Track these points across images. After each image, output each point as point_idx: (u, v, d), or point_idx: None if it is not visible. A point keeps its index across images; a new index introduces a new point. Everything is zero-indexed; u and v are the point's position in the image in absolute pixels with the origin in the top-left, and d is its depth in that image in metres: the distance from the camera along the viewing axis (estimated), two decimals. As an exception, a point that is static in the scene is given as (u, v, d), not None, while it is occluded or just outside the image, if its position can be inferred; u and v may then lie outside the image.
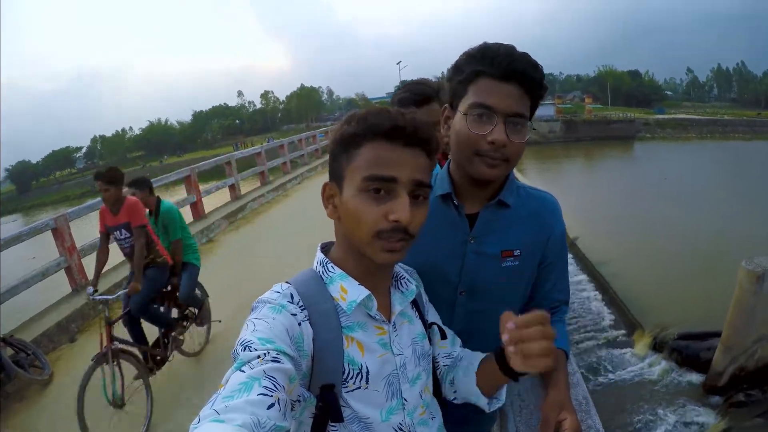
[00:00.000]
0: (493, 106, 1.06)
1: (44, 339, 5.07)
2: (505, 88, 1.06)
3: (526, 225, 1.24)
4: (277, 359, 0.72)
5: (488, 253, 1.22)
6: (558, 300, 1.34)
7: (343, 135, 0.88)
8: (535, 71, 1.08)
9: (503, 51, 1.07)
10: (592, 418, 1.08)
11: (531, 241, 1.24)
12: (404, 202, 0.84)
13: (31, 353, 4.66)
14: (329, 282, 0.93)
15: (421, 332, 1.05)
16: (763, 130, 55.34)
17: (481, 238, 1.23)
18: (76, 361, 4.83)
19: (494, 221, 1.23)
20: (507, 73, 1.05)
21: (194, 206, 9.68)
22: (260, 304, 0.87)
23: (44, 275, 5.85)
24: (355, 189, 0.86)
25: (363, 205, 0.85)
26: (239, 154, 12.81)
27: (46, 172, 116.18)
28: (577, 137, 50.69)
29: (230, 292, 5.87)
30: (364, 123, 0.86)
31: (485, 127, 1.07)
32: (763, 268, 6.10)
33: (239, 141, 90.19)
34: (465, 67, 1.11)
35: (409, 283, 1.02)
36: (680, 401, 7.21)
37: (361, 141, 0.86)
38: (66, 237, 6.19)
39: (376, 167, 0.84)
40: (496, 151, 1.08)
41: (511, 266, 1.23)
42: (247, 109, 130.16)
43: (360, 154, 0.86)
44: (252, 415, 0.60)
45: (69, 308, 5.62)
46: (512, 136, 1.07)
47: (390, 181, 0.84)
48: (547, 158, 36.66)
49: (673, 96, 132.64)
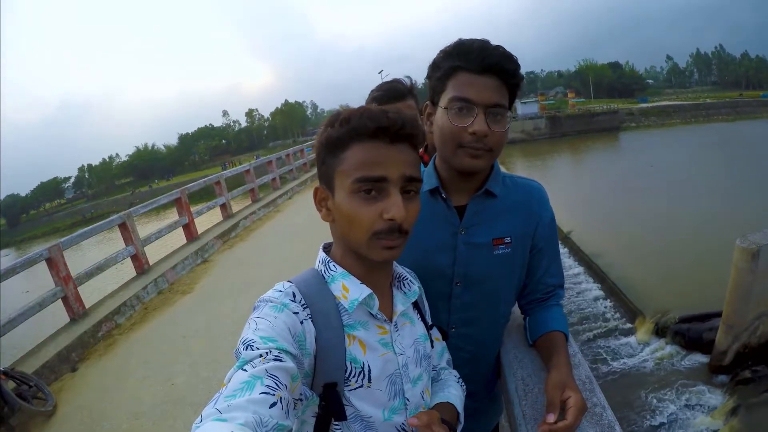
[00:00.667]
0: (472, 98, 1.09)
1: (45, 370, 4.99)
2: (482, 81, 1.09)
3: (514, 213, 1.27)
4: (279, 358, 0.72)
5: (479, 243, 1.25)
6: (552, 285, 1.35)
7: (329, 138, 0.88)
8: (509, 62, 1.11)
9: (477, 45, 1.10)
10: (597, 396, 1.08)
11: (520, 229, 1.27)
12: (397, 200, 0.85)
13: (33, 385, 4.59)
14: (331, 281, 0.93)
15: (423, 333, 1.05)
16: (745, 110, 56.27)
17: (471, 229, 1.25)
18: (79, 390, 4.77)
19: (483, 211, 1.26)
20: (483, 66, 1.09)
21: (187, 228, 9.61)
22: (262, 303, 0.86)
23: (41, 306, 5.77)
24: (347, 192, 0.86)
25: (356, 207, 0.85)
26: (228, 173, 12.73)
27: (36, 205, 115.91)
28: (563, 132, 51.00)
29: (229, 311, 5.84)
30: (348, 125, 0.86)
31: (466, 120, 1.10)
32: (757, 244, 6.14)
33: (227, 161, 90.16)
34: (442, 63, 1.15)
35: (412, 284, 1.02)
36: (687, 383, 7.23)
37: (346, 143, 0.86)
38: (61, 266, 6.12)
39: (364, 169, 0.84)
40: (478, 142, 1.11)
41: (503, 254, 1.25)
42: (233, 128, 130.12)
43: (347, 157, 0.86)
44: (254, 414, 0.60)
45: (68, 338, 5.54)
46: (493, 126, 1.11)
47: (380, 180, 0.84)
48: (534, 155, 36.92)
49: (654, 84, 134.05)
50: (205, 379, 4.40)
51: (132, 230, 7.70)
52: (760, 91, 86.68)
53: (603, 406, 1.05)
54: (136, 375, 4.80)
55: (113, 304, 6.38)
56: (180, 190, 9.80)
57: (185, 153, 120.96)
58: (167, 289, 7.27)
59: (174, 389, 4.34)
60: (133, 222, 7.86)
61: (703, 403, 6.74)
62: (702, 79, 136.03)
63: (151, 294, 7.00)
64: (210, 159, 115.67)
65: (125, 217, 7.66)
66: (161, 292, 7.17)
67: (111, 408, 4.27)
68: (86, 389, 4.77)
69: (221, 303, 6.19)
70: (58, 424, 4.26)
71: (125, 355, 5.33)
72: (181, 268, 7.95)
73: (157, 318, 6.22)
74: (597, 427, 0.99)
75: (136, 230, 7.87)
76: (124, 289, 7.03)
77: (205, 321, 5.74)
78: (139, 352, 5.31)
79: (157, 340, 5.56)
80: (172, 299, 6.84)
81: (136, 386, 4.57)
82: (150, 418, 3.98)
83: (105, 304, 6.49)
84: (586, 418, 1.02)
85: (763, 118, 50.31)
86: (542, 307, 1.35)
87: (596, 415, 1.03)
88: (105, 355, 5.44)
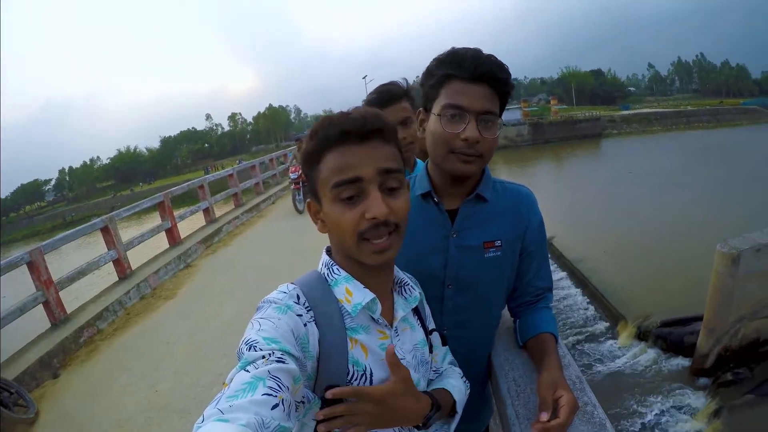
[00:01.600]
0: (465, 105, 1.13)
1: (26, 377, 4.89)
2: (474, 89, 1.13)
3: (504, 217, 1.30)
4: (281, 360, 0.72)
5: (470, 246, 1.28)
6: (542, 288, 1.38)
7: (305, 153, 0.91)
8: (501, 71, 1.15)
9: (470, 54, 1.14)
10: (587, 395, 1.10)
11: (510, 232, 1.29)
12: (376, 197, 0.85)
13: (14, 392, 4.49)
14: (334, 284, 0.93)
15: (423, 339, 1.05)
16: (725, 117, 57.41)
17: (463, 232, 1.28)
18: (60, 397, 4.69)
19: (474, 215, 1.29)
20: (475, 74, 1.12)
21: (169, 232, 9.50)
22: (266, 304, 0.86)
23: (22, 311, 5.65)
24: (330, 200, 0.87)
25: (340, 213, 0.86)
26: (212, 177, 12.63)
27: (16, 207, 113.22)
28: (546, 139, 51.39)
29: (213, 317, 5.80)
30: (317, 137, 0.88)
31: (458, 126, 1.14)
32: (737, 249, 6.27)
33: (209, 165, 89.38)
34: (436, 71, 1.18)
35: (413, 290, 1.03)
36: (669, 386, 7.34)
37: (319, 154, 0.88)
38: (42, 270, 6.02)
39: (338, 174, 0.85)
40: (469, 148, 1.15)
41: (494, 257, 1.28)
42: (216, 132, 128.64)
43: (323, 167, 0.87)
44: (256, 415, 0.60)
45: (50, 343, 5.44)
46: (484, 133, 1.14)
47: (355, 181, 0.85)
48: (517, 162, 37.19)
49: (636, 92, 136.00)
50: (189, 385, 4.36)
51: (114, 234, 7.61)
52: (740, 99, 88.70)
53: (594, 405, 1.08)
54: (119, 381, 4.73)
55: (95, 309, 6.30)
56: (163, 194, 9.72)
57: (167, 156, 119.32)
58: (150, 294, 7.19)
59: (158, 396, 4.29)
60: (116, 226, 7.76)
61: (685, 406, 6.84)
62: (683, 87, 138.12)
63: (133, 299, 6.91)
64: (192, 163, 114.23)
65: (108, 221, 7.57)
66: (144, 297, 7.09)
67: (94, 415, 4.21)
68: (68, 396, 4.69)
69: (204, 308, 6.14)
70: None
71: (108, 362, 5.25)
72: (163, 273, 7.87)
73: (140, 324, 6.15)
74: (589, 425, 1.01)
75: (118, 234, 7.77)
76: (106, 294, 6.93)
77: (188, 327, 5.69)
78: (122, 359, 5.25)
79: (140, 346, 5.50)
80: (154, 304, 6.77)
81: (120, 393, 4.51)
82: (134, 425, 3.93)
83: (87, 310, 6.40)
84: (577, 416, 1.04)
85: (743, 125, 51.53)
86: (532, 310, 1.37)
87: (587, 414, 1.05)
88: (87, 361, 5.36)
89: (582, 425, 1.02)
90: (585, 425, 1.02)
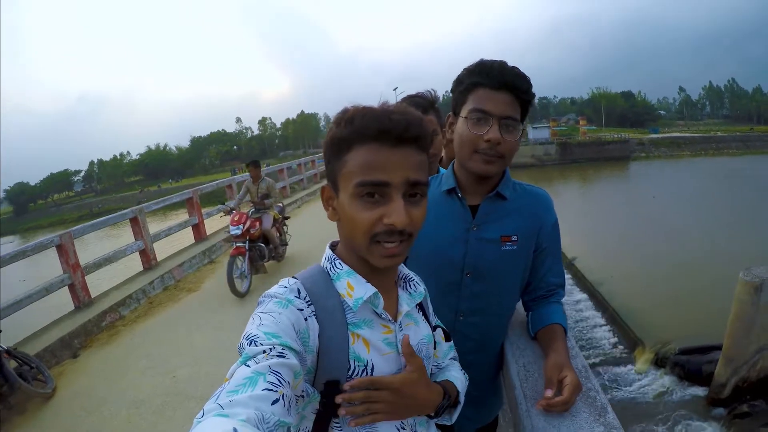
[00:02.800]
0: (489, 110, 1.26)
1: (47, 354, 5.05)
2: (498, 96, 1.26)
3: (521, 214, 1.42)
4: (282, 354, 0.72)
5: (489, 239, 1.40)
6: (554, 284, 1.49)
7: (333, 138, 0.87)
8: (522, 81, 1.28)
9: (496, 65, 1.28)
10: (591, 382, 1.16)
11: (526, 229, 1.41)
12: (399, 206, 0.83)
13: (34, 367, 4.63)
14: (336, 278, 0.93)
15: (428, 334, 1.06)
16: (755, 144, 56.30)
17: (483, 226, 1.41)
18: (78, 376, 4.83)
19: (493, 211, 1.41)
20: (500, 83, 1.26)
21: (196, 228, 9.74)
22: (267, 299, 0.86)
23: (48, 291, 5.86)
24: (350, 195, 0.85)
25: (358, 211, 0.85)
26: (240, 178, 12.86)
27: (44, 195, 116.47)
28: (573, 159, 51.09)
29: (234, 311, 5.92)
30: (351, 126, 0.84)
31: (482, 128, 1.27)
32: (760, 278, 6.18)
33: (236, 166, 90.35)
34: (465, 79, 1.32)
35: (418, 285, 1.03)
36: (684, 415, 7.21)
37: (350, 145, 0.85)
38: (70, 254, 6.23)
39: (366, 173, 0.83)
40: (491, 149, 1.28)
41: (510, 250, 1.40)
42: (245, 135, 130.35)
43: (350, 159, 0.85)
44: (256, 411, 0.60)
45: (72, 324, 5.62)
46: (506, 135, 1.27)
47: (382, 185, 0.83)
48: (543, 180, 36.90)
49: (666, 115, 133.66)
50: (207, 374, 4.45)
51: (143, 225, 7.82)
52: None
53: (597, 391, 1.15)
54: (137, 366, 4.85)
55: (119, 296, 6.47)
56: (192, 190, 9.97)
57: (196, 156, 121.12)
58: (173, 286, 7.36)
59: (175, 382, 4.39)
60: (145, 217, 7.98)
61: (699, 436, 6.73)
62: (714, 112, 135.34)
63: (157, 289, 7.08)
64: (220, 164, 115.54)
65: (137, 212, 7.79)
66: (167, 288, 7.26)
67: (110, 395, 4.32)
68: (86, 376, 4.82)
69: (226, 302, 6.25)
70: (56, 407, 4.31)
71: (128, 346, 5.39)
72: (188, 267, 8.05)
73: (162, 313, 6.30)
74: (591, 408, 1.08)
75: (146, 226, 7.99)
76: (131, 283, 7.12)
77: (209, 318, 5.80)
78: (142, 344, 5.37)
79: (160, 333, 5.63)
80: (177, 296, 6.93)
81: (137, 376, 4.62)
82: (150, 407, 4.03)
83: (110, 296, 6.59)
84: (580, 399, 1.12)
85: (773, 153, 50.39)
86: (544, 304, 1.48)
87: (590, 398, 1.12)
88: (107, 344, 5.51)
89: (585, 408, 1.09)
90: (587, 408, 1.09)
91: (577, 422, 1.04)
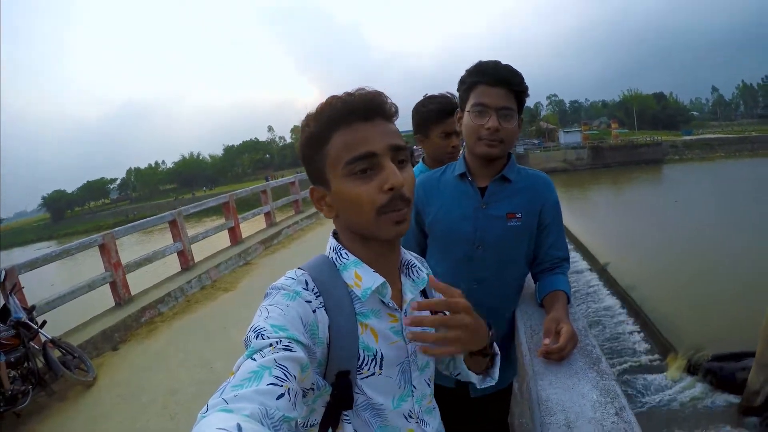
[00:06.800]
0: (487, 103, 1.50)
1: (89, 346, 5.36)
2: (495, 91, 1.50)
3: (524, 194, 1.63)
4: (289, 347, 0.71)
5: (496, 215, 1.61)
6: (558, 257, 1.67)
7: (310, 137, 0.89)
8: (515, 77, 1.52)
9: (491, 65, 1.54)
10: (588, 339, 1.29)
11: (529, 207, 1.62)
12: (392, 169, 0.86)
13: (77, 356, 4.92)
14: (343, 268, 0.92)
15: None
16: (791, 144, 54.16)
17: (490, 205, 1.62)
18: (118, 367, 5.12)
19: (500, 192, 1.63)
20: (495, 79, 1.50)
21: (232, 231, 10.13)
22: (274, 291, 0.85)
23: (90, 287, 6.23)
24: (342, 177, 0.86)
25: (356, 187, 0.86)
26: (274, 183, 13.28)
27: (81, 202, 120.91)
28: (605, 163, 50.29)
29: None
30: (321, 118, 0.87)
31: (483, 119, 1.52)
32: (794, 282, 6.06)
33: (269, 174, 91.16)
34: (466, 79, 1.57)
35: (420, 271, 1.02)
36: (716, 424, 7.08)
37: (326, 136, 0.87)
38: (112, 253, 6.60)
39: (351, 150, 0.85)
40: (492, 135, 1.52)
41: (515, 226, 1.60)
42: (278, 143, 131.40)
43: (331, 147, 0.87)
44: (261, 405, 0.59)
45: (113, 319, 5.95)
46: (503, 123, 1.52)
47: (370, 156, 0.85)
48: (575, 186, 36.47)
49: (699, 116, 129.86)
50: (242, 366, 4.64)
51: (181, 227, 8.18)
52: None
53: (593, 345, 1.29)
54: (174, 358, 5.10)
55: (157, 294, 6.80)
56: (229, 195, 10.43)
57: (229, 164, 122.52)
58: (210, 286, 7.66)
59: (212, 372, 4.61)
60: (183, 220, 8.35)
61: (731, 445, 6.60)
62: (748, 112, 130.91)
63: (194, 288, 7.39)
64: (252, 172, 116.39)
65: (176, 215, 8.17)
66: (204, 287, 7.56)
67: (148, 385, 4.57)
68: (126, 367, 5.10)
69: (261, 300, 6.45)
70: (96, 394, 4.58)
71: (166, 341, 5.65)
72: (224, 268, 8.36)
73: (199, 310, 6.57)
74: (587, 358, 1.23)
75: (185, 228, 8.35)
76: (169, 282, 7.47)
77: (245, 315, 5.90)
78: (180, 339, 5.63)
79: (198, 329, 5.88)
80: (214, 295, 7.21)
81: (175, 368, 4.87)
82: (186, 394, 4.26)
83: (149, 293, 6.94)
84: (578, 351, 1.27)
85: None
86: (549, 274, 1.66)
87: (587, 351, 1.27)
88: (146, 338, 5.79)
89: (581, 358, 1.24)
90: (583, 358, 1.23)
91: (573, 368, 1.19)
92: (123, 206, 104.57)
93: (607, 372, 1.14)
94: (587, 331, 1.38)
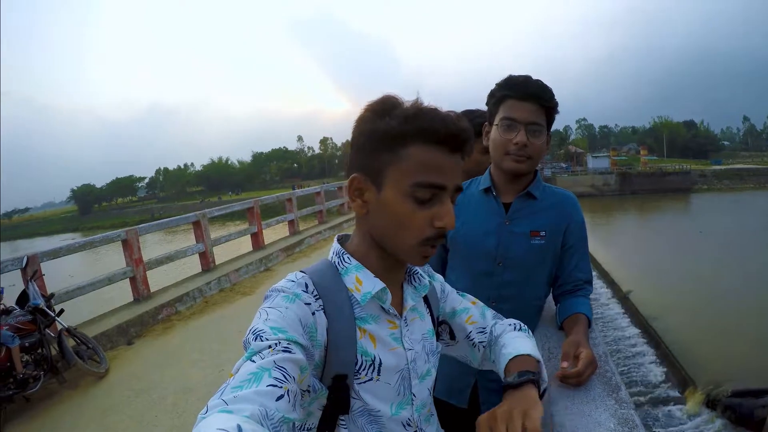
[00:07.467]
0: (516, 117, 1.48)
1: (104, 338, 5.43)
2: (524, 105, 1.48)
3: (550, 213, 1.60)
4: (288, 349, 0.71)
5: (519, 232, 1.58)
6: (581, 279, 1.62)
7: (387, 131, 0.83)
8: (545, 92, 1.49)
9: (522, 79, 1.50)
10: (609, 365, 1.26)
11: (554, 226, 1.58)
12: (449, 210, 0.85)
13: (91, 347, 4.99)
14: (344, 273, 0.92)
15: (431, 329, 1.05)
16: (823, 176, 52.65)
17: (514, 221, 1.59)
18: (131, 361, 5.17)
19: (524, 208, 1.60)
20: (525, 94, 1.47)
21: (255, 236, 10.25)
22: (274, 293, 0.85)
23: (110, 281, 6.34)
24: (401, 193, 0.84)
25: (410, 211, 0.84)
26: (300, 192, 13.35)
27: (108, 198, 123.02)
28: (633, 190, 49.49)
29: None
30: (414, 123, 0.82)
31: (512, 134, 1.49)
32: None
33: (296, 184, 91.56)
34: (496, 92, 1.54)
35: (422, 278, 1.02)
36: (733, 461, 6.88)
37: (409, 141, 0.83)
38: (134, 249, 6.72)
39: (427, 174, 0.83)
40: (520, 150, 1.49)
41: (538, 244, 1.57)
42: (306, 153, 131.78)
43: (408, 156, 0.83)
44: (260, 407, 0.59)
45: (130, 314, 6.03)
46: (532, 139, 1.48)
47: (439, 188, 0.84)
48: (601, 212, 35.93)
49: (730, 146, 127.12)
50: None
51: (204, 229, 8.29)
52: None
53: (613, 372, 1.26)
54: (189, 357, 5.14)
55: (176, 293, 6.89)
56: (254, 200, 10.57)
57: (257, 171, 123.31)
58: (229, 288, 7.73)
59: (224, 374, 4.54)
60: (207, 222, 8.45)
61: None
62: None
63: (213, 290, 7.46)
64: (280, 180, 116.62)
65: (200, 216, 8.28)
66: (223, 290, 7.63)
67: (160, 381, 4.61)
68: (139, 362, 5.15)
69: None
70: (107, 386, 4.64)
71: (181, 339, 5.70)
72: (244, 272, 8.44)
73: (217, 312, 6.63)
74: (605, 386, 1.19)
75: (208, 230, 8.45)
76: (188, 282, 7.56)
77: (261, 320, 6.02)
78: (195, 339, 5.68)
79: (213, 330, 5.92)
80: (232, 298, 7.27)
81: (188, 367, 4.90)
82: (197, 394, 4.27)
83: (169, 291, 7.03)
84: (596, 377, 1.24)
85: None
86: (571, 297, 1.61)
87: (606, 378, 1.24)
88: (162, 336, 5.85)
89: (599, 384, 1.20)
90: (602, 384, 1.20)
91: (590, 395, 1.16)
92: (150, 204, 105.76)
93: (627, 400, 1.11)
94: (608, 357, 1.35)
